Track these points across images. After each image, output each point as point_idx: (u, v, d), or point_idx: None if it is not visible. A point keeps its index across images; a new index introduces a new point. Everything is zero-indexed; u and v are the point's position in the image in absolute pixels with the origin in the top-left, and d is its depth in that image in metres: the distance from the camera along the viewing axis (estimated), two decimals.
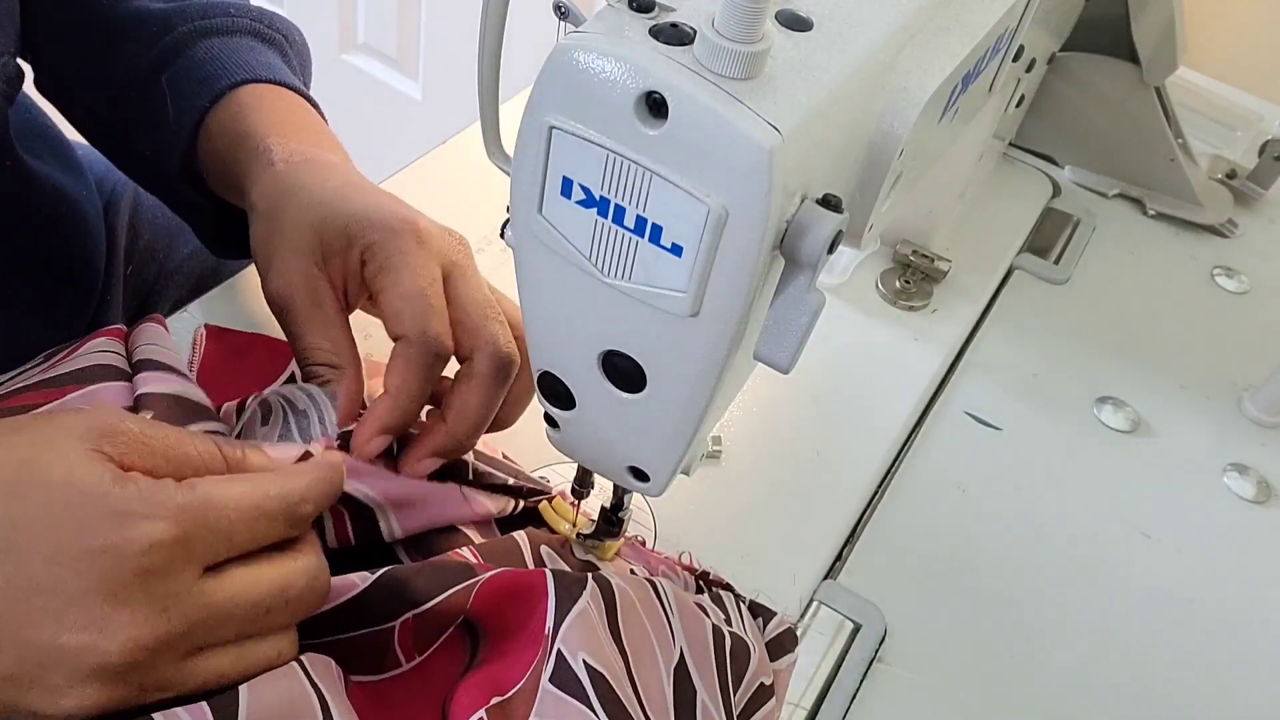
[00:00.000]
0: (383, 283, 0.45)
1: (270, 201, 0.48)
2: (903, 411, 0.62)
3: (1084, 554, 0.57)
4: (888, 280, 0.69)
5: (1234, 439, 0.65)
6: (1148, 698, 0.52)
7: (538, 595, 0.40)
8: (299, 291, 0.45)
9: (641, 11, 0.32)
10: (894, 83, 0.39)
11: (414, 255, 0.46)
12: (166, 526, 0.33)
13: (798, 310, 0.33)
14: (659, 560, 0.49)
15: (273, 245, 0.47)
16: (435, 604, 0.40)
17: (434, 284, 0.46)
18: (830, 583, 0.53)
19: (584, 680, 0.38)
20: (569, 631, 0.39)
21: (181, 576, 0.34)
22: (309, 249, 0.46)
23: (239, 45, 0.55)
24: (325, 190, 0.48)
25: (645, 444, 0.41)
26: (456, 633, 0.42)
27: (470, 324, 0.46)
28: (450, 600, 0.41)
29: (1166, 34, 0.75)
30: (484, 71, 0.39)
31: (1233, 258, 0.79)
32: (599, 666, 0.39)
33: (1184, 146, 0.81)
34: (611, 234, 0.33)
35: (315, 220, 0.46)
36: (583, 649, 0.39)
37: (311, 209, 0.47)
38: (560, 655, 0.39)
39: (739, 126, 0.30)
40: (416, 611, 0.40)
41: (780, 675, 0.46)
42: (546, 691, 0.38)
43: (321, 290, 0.46)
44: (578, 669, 0.38)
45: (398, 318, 0.44)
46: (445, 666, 0.42)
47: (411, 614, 0.40)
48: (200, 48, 0.55)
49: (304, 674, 0.37)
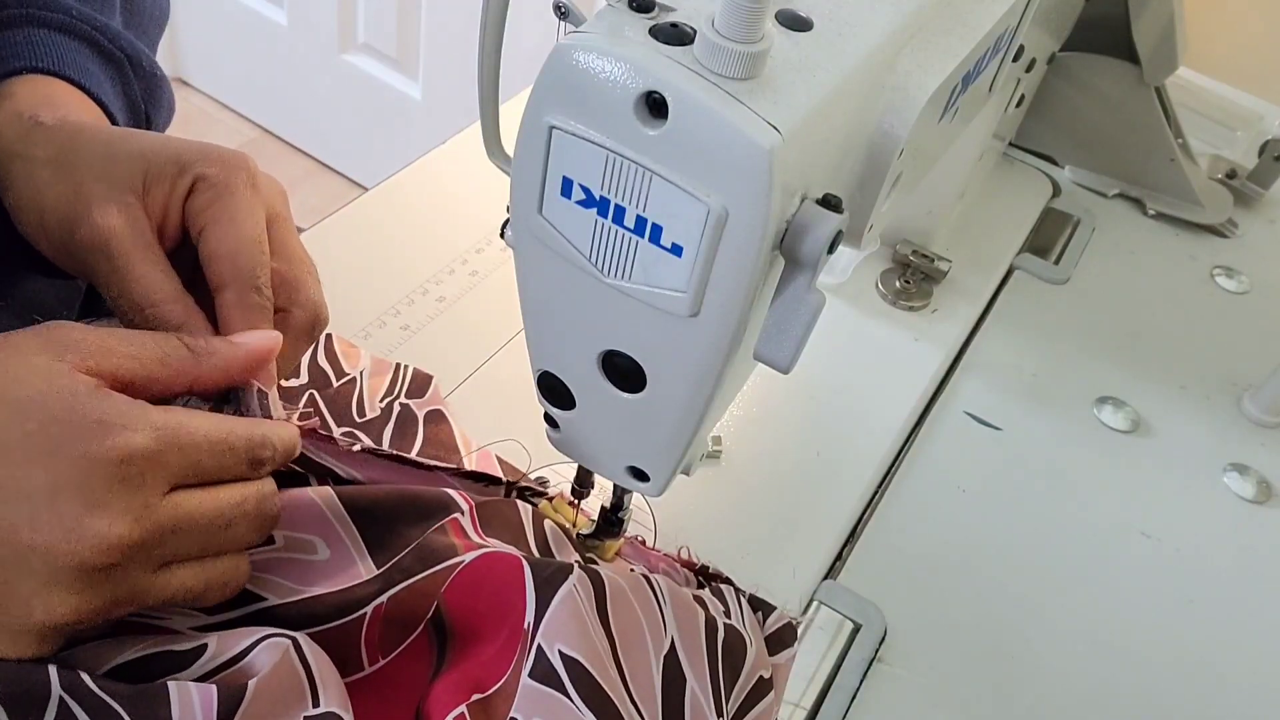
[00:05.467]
0: (211, 217, 0.42)
1: (58, 146, 0.43)
2: (903, 411, 0.62)
3: (1084, 554, 0.57)
4: (888, 280, 0.69)
5: (1234, 439, 0.65)
6: (1147, 697, 0.52)
7: (516, 589, 0.40)
8: (124, 229, 0.41)
9: (641, 11, 0.32)
10: (894, 83, 0.39)
11: (247, 197, 0.43)
12: (144, 439, 0.35)
13: (798, 310, 0.33)
14: (659, 559, 0.49)
15: (78, 186, 0.42)
16: (413, 583, 0.41)
17: (264, 232, 0.43)
18: (830, 582, 0.53)
19: (559, 669, 0.38)
20: (549, 622, 0.39)
21: (153, 489, 0.35)
22: (127, 181, 0.42)
23: (63, 43, 0.50)
24: (125, 130, 0.44)
25: (645, 444, 0.41)
26: (423, 635, 0.42)
27: (292, 278, 0.44)
28: (430, 580, 0.41)
29: (1166, 34, 0.75)
30: (484, 71, 0.39)
31: (1233, 258, 0.79)
32: (574, 653, 0.39)
33: (1184, 146, 0.81)
34: (611, 234, 0.33)
35: (133, 151, 0.42)
36: (559, 638, 0.39)
37: (124, 141, 0.43)
38: (539, 649, 0.39)
39: (739, 126, 0.30)
40: (393, 592, 0.41)
41: (779, 669, 0.46)
42: (526, 686, 0.38)
43: (146, 228, 0.42)
44: (553, 659, 0.39)
45: (229, 260, 0.41)
46: (410, 671, 0.42)
47: (387, 595, 0.41)
48: (21, 32, 0.49)
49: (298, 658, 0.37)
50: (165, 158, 0.42)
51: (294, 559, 0.42)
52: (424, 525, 0.43)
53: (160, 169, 0.42)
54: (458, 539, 0.43)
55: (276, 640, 0.37)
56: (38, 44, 0.49)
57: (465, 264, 0.64)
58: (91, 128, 0.44)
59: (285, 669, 0.37)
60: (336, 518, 0.43)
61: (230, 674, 0.37)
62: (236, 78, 2.03)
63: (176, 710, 0.35)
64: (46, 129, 0.44)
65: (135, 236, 0.41)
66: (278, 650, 0.37)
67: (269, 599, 0.41)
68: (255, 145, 2.00)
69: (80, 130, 0.44)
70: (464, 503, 0.44)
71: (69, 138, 0.43)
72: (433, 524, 0.43)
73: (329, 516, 0.43)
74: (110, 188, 0.41)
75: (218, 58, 2.03)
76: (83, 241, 0.41)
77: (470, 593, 0.41)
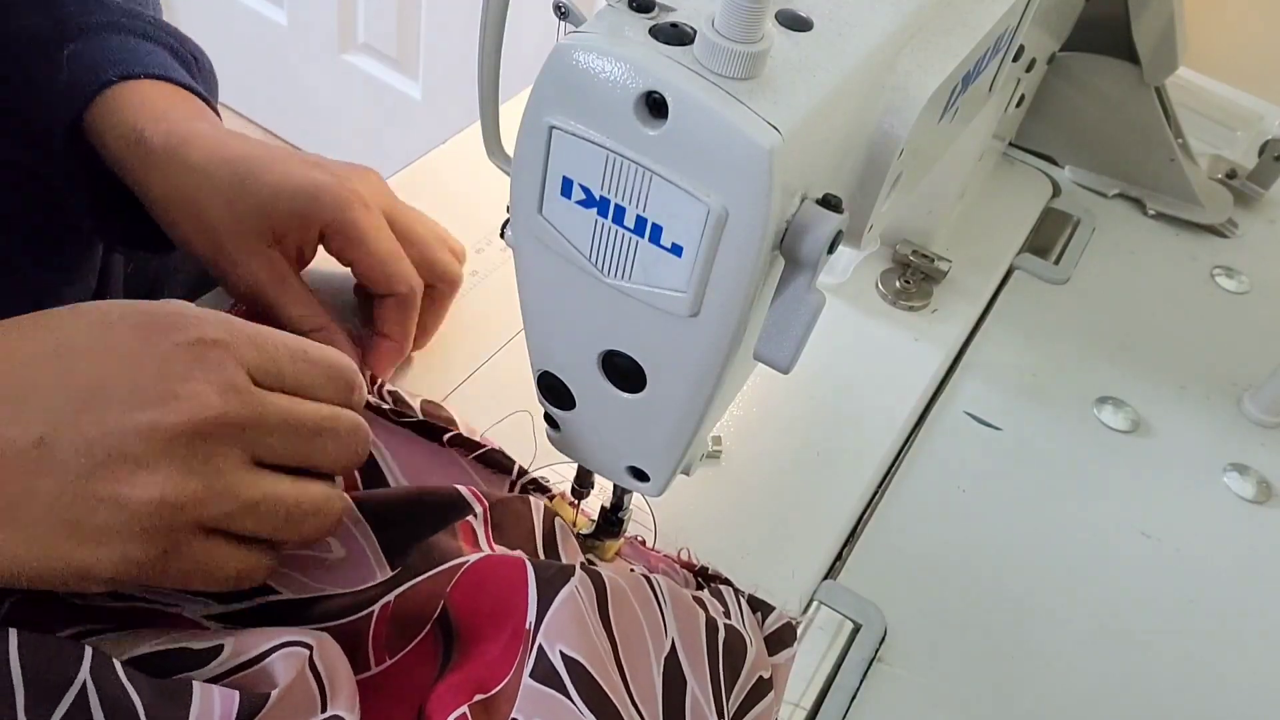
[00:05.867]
0: (354, 255, 0.51)
1: (171, 184, 0.49)
2: (903, 411, 0.62)
3: (1084, 554, 0.57)
4: (888, 280, 0.69)
5: (1234, 439, 0.65)
6: (1147, 697, 0.52)
7: (518, 590, 0.41)
8: (266, 276, 0.49)
9: (641, 11, 0.32)
10: (894, 83, 0.39)
11: (367, 220, 0.51)
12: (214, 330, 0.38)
13: (798, 310, 0.33)
14: (659, 559, 0.49)
15: (215, 240, 0.49)
16: (418, 582, 0.41)
17: (391, 238, 0.52)
18: (830, 582, 0.53)
19: (560, 669, 0.38)
20: (550, 623, 0.39)
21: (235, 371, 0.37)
22: (257, 234, 0.49)
23: (151, 49, 0.55)
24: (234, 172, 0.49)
25: (645, 444, 0.41)
26: (429, 636, 0.42)
27: (425, 259, 0.54)
28: (435, 579, 0.41)
29: (1166, 34, 0.75)
30: (484, 71, 0.39)
31: (1233, 258, 0.79)
32: (575, 654, 0.39)
33: (1184, 146, 0.81)
34: (611, 234, 0.33)
35: (253, 208, 0.49)
36: (560, 639, 0.39)
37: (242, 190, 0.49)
38: (540, 649, 0.39)
39: (739, 126, 0.30)
40: (399, 591, 0.41)
41: (779, 669, 0.46)
42: (528, 687, 0.38)
43: (283, 268, 0.50)
44: (554, 659, 0.39)
45: (387, 281, 0.51)
46: (416, 671, 0.42)
47: (393, 595, 0.41)
48: (114, 39, 0.54)
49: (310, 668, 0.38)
50: (287, 212, 0.49)
51: (310, 555, 0.43)
52: (431, 516, 0.43)
53: (284, 222, 0.49)
54: (466, 545, 0.43)
55: (296, 650, 0.38)
56: (132, 50, 0.53)
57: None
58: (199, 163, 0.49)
59: (301, 683, 0.37)
60: (351, 519, 0.43)
61: (247, 676, 0.37)
62: (236, 78, 2.03)
63: (196, 711, 0.34)
64: (154, 153, 0.49)
65: (277, 281, 0.50)
66: (296, 662, 0.37)
67: (283, 592, 0.41)
68: None
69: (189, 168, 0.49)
70: (478, 505, 0.44)
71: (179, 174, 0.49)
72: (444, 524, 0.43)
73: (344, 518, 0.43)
74: (245, 240, 0.49)
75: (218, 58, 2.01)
76: (233, 288, 0.50)
77: (474, 593, 0.41)
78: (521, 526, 0.45)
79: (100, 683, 0.34)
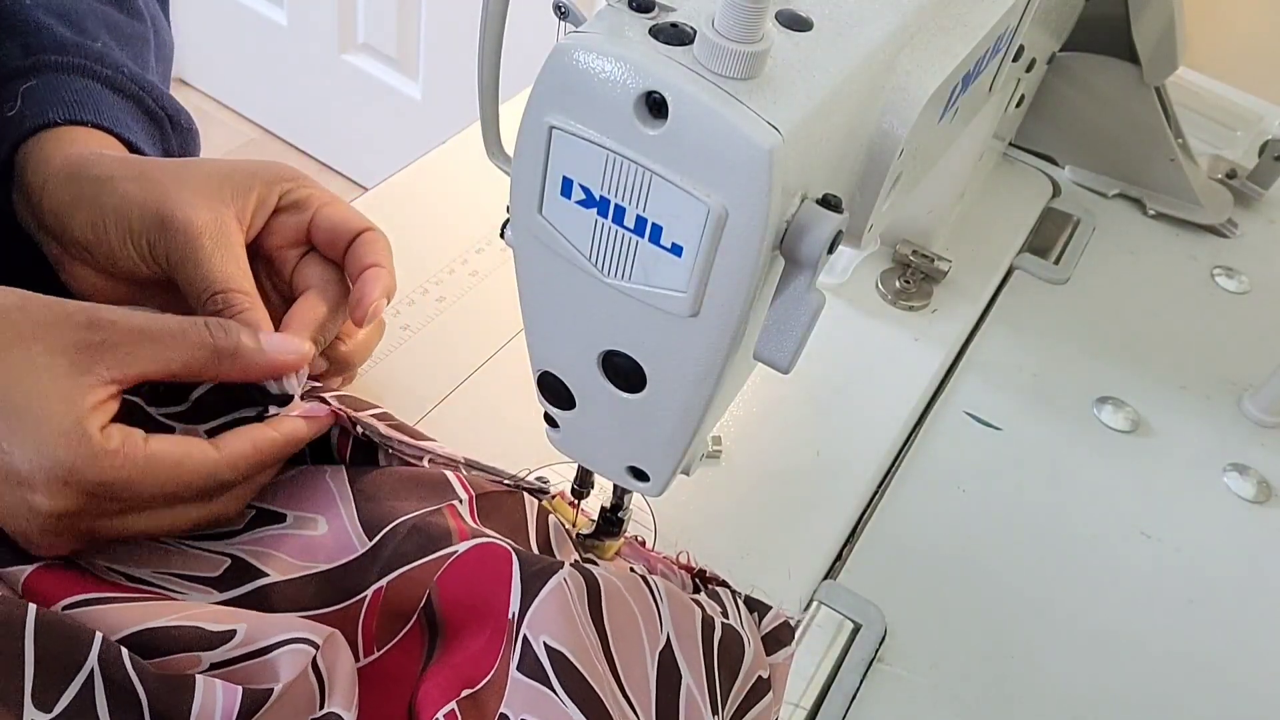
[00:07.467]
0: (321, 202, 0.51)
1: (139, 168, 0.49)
2: (903, 411, 0.62)
3: (1084, 554, 0.57)
4: (888, 280, 0.69)
5: (1234, 439, 0.65)
6: (1148, 697, 0.52)
7: (503, 582, 0.41)
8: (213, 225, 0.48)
9: (641, 11, 0.32)
10: (894, 83, 0.39)
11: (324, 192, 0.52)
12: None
13: (798, 310, 0.33)
14: (658, 560, 0.49)
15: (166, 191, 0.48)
16: (410, 569, 0.41)
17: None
18: (830, 582, 0.53)
19: (544, 661, 0.38)
20: (535, 614, 0.39)
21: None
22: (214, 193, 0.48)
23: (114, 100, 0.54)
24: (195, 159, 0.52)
25: (645, 444, 0.41)
26: (416, 627, 0.42)
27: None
28: (425, 568, 0.41)
29: (1166, 34, 0.75)
30: (484, 71, 0.39)
31: (1233, 258, 0.79)
32: (559, 646, 0.39)
33: (1184, 146, 0.81)
34: (611, 234, 0.33)
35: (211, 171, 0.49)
36: (545, 630, 0.39)
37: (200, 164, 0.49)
38: (525, 641, 0.39)
39: (739, 126, 0.30)
40: (391, 578, 0.41)
41: (778, 669, 0.46)
42: (515, 680, 0.38)
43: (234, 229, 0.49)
44: (539, 651, 0.39)
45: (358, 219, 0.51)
46: (403, 663, 0.42)
47: (385, 581, 0.41)
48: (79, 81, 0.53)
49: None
50: (247, 172, 0.49)
51: (298, 535, 0.43)
52: (416, 497, 0.44)
53: (245, 182, 0.49)
54: (454, 521, 0.43)
55: (302, 648, 0.38)
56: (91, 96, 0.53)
57: (465, 264, 0.64)
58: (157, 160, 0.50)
59: (303, 682, 0.37)
60: (342, 498, 0.43)
61: (252, 666, 0.38)
62: (236, 78, 2.03)
63: (198, 704, 0.35)
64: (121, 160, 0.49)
65: (221, 233, 0.47)
66: (301, 660, 0.37)
67: (270, 574, 0.42)
68: (255, 145, 2.00)
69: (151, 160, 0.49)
70: (464, 491, 0.44)
71: (143, 162, 0.49)
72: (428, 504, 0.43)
73: (335, 496, 0.43)
74: (196, 194, 0.47)
75: (217, 57, 2.03)
76: (174, 229, 0.47)
77: (460, 585, 0.41)
78: (511, 518, 0.45)
79: (107, 670, 0.35)
